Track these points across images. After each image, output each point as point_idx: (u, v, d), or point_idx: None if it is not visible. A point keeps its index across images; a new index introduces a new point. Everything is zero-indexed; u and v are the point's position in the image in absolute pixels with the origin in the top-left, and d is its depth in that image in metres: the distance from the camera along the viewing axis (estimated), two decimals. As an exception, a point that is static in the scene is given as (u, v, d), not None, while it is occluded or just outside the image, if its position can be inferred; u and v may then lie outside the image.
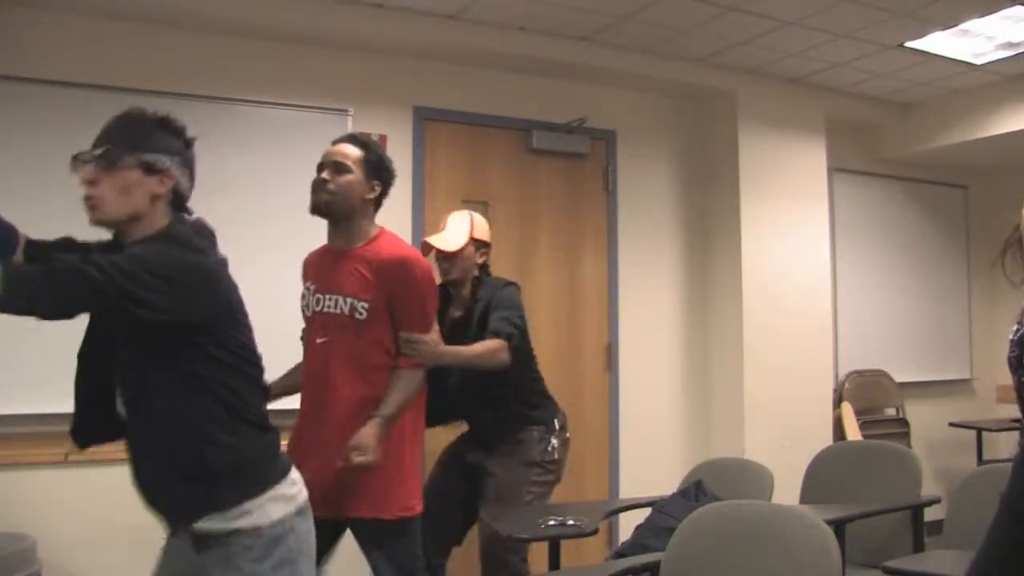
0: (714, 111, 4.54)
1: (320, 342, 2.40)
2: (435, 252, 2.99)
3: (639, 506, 3.01)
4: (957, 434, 5.32)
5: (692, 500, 2.71)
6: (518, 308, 2.93)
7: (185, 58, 3.45)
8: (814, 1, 3.54)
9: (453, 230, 3.01)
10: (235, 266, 1.76)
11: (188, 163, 1.75)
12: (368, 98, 3.79)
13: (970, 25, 3.79)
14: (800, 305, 4.52)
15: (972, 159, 5.33)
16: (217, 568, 1.65)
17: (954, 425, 5.28)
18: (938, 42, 4.00)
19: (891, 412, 5.20)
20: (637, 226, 4.43)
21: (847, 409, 4.91)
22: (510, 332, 2.82)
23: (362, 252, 2.41)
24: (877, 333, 5.22)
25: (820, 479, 3.17)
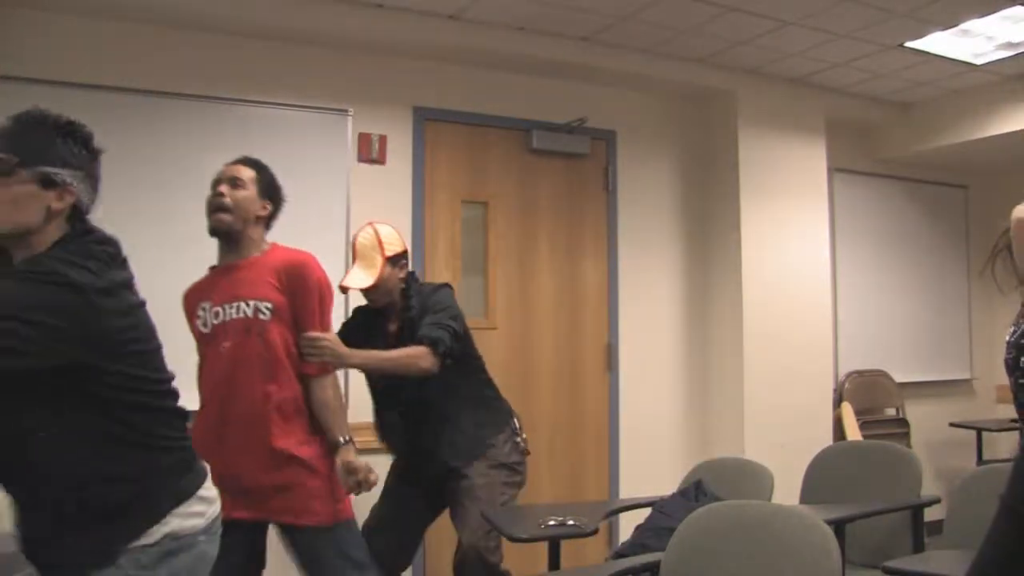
0: (714, 111, 4.54)
1: (225, 346, 2.43)
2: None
3: (639, 506, 3.02)
4: (957, 434, 5.32)
5: (692, 500, 2.71)
6: (450, 309, 2.84)
7: (185, 58, 3.45)
8: (814, 1, 3.54)
9: (364, 259, 2.88)
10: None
11: (92, 176, 1.59)
12: (368, 98, 3.79)
13: (970, 25, 3.79)
14: (800, 305, 4.52)
15: (972, 159, 5.33)
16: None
17: (954, 425, 5.28)
18: (938, 42, 4.00)
19: (891, 412, 5.20)
20: (637, 226, 4.43)
21: (847, 409, 4.91)
22: (437, 337, 2.73)
23: (261, 260, 2.50)
24: (877, 333, 5.22)
25: (820, 479, 3.17)
